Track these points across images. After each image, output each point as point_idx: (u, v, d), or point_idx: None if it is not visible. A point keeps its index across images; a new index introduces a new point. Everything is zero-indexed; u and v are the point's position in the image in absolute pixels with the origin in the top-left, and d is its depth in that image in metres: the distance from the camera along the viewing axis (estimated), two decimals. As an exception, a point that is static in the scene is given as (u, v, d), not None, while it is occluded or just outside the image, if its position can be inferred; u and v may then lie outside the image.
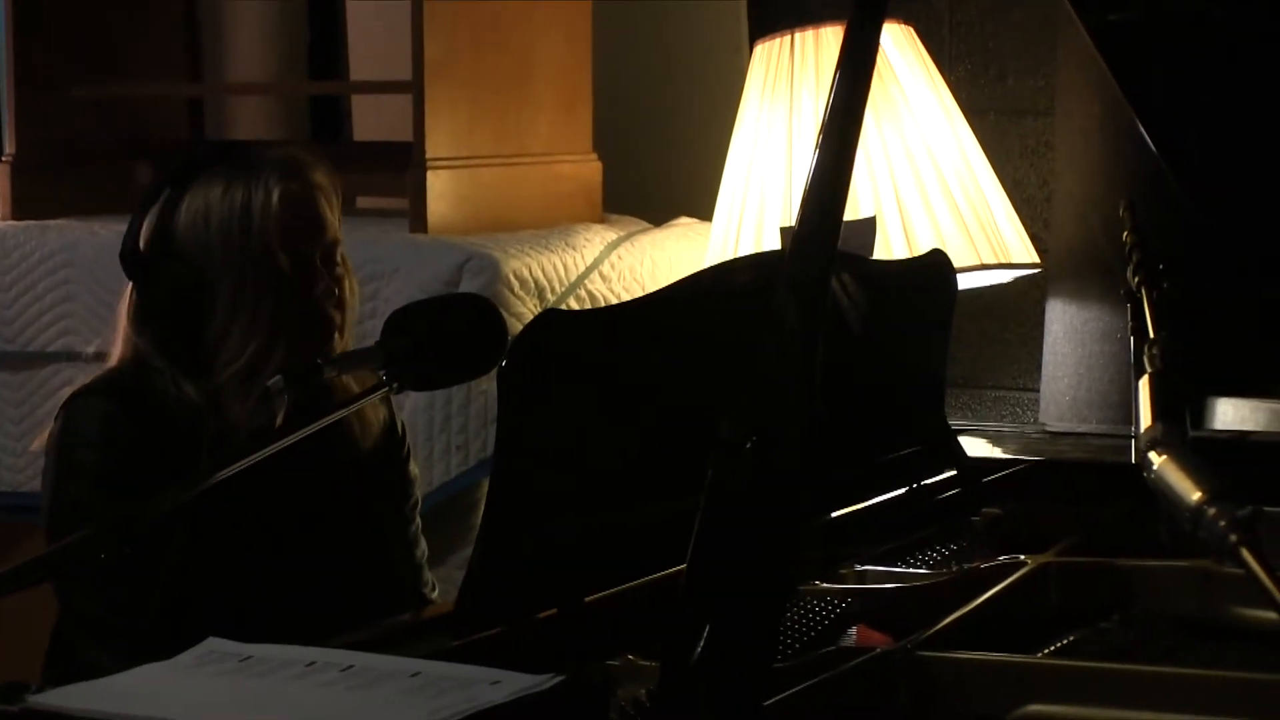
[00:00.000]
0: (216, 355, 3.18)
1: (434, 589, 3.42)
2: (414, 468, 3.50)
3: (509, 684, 2.24)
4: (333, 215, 3.26)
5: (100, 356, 3.36)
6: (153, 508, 2.61)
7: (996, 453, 3.49)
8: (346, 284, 3.27)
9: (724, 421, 2.07)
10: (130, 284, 3.23)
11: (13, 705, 2.27)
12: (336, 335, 3.24)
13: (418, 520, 3.47)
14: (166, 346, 3.18)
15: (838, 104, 2.29)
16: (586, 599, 2.59)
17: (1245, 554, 2.10)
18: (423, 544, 3.47)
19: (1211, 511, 2.19)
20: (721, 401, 2.09)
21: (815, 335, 2.13)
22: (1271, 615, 2.00)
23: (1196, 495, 2.22)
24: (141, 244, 3.19)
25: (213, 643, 2.46)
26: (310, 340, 3.20)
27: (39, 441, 3.27)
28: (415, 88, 4.26)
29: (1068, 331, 4.27)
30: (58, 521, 3.16)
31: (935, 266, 3.35)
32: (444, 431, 3.97)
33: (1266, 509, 2.19)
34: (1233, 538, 2.13)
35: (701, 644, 1.99)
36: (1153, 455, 2.34)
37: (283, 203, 3.18)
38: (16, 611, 3.15)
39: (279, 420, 3.05)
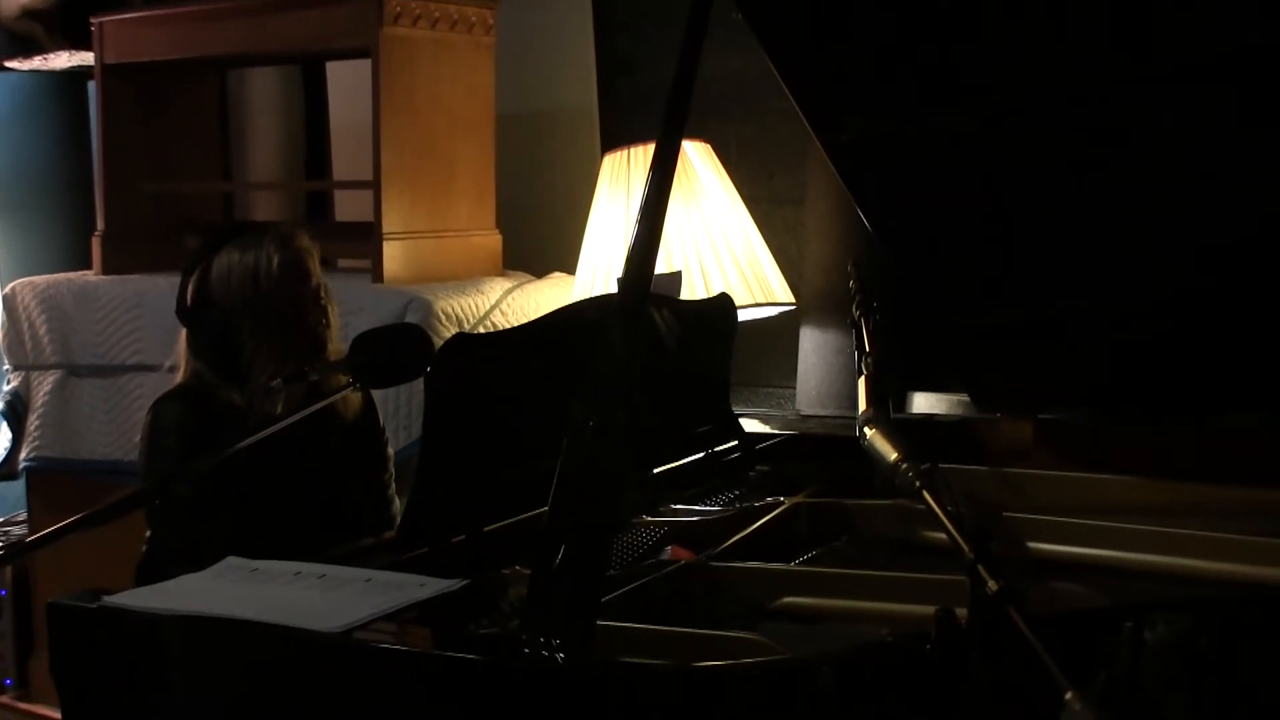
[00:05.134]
0: (250, 371, 3.19)
1: None
2: (390, 450, 3.50)
3: (431, 586, 2.25)
4: (315, 266, 3.27)
5: (170, 369, 3.38)
6: (196, 468, 2.74)
7: (765, 429, 3.48)
8: (331, 310, 3.27)
9: (574, 406, 2.06)
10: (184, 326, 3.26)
11: (92, 604, 2.25)
12: (328, 345, 3.26)
13: (393, 485, 3.47)
14: (214, 368, 3.21)
15: (649, 193, 2.29)
16: (486, 529, 2.58)
17: (925, 495, 2.11)
18: (397, 502, 3.46)
19: (904, 466, 2.21)
20: (574, 392, 2.09)
21: (634, 349, 2.13)
22: (943, 536, 2.01)
23: (894, 456, 2.24)
24: (188, 297, 3.20)
25: (231, 560, 2.45)
26: (308, 353, 3.21)
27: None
28: (375, 185, 4.23)
29: (814, 347, 4.27)
30: (149, 481, 3.17)
31: (723, 304, 3.35)
32: (395, 416, 3.94)
33: (942, 465, 2.21)
34: (918, 484, 2.15)
35: (559, 558, 1.98)
36: (867, 429, 2.36)
37: (280, 267, 3.19)
38: (111, 546, 3.13)
39: (279, 409, 3.06)
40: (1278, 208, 2.56)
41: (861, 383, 2.58)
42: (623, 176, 4.04)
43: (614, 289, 3.94)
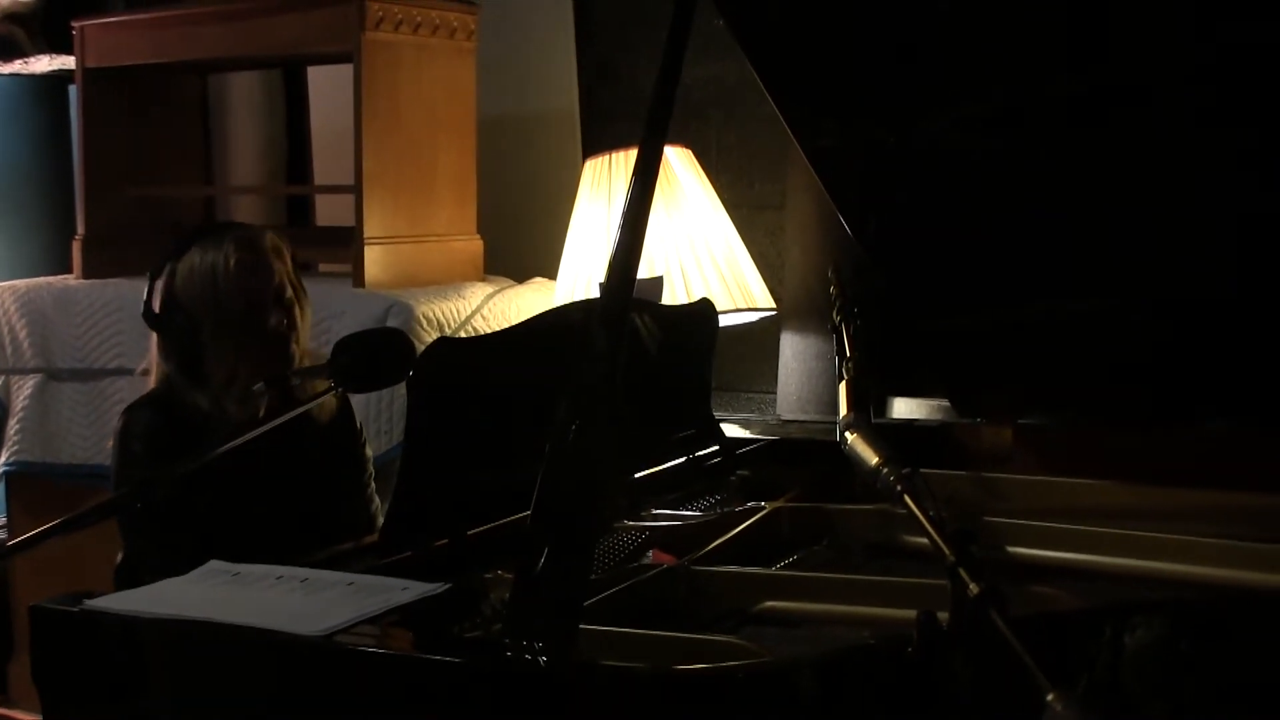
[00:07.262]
0: (212, 373, 3.18)
1: None
2: (369, 451, 3.49)
3: (414, 589, 2.24)
4: (282, 264, 3.25)
5: (145, 373, 3.35)
6: (172, 474, 2.67)
7: (746, 434, 3.48)
8: (299, 311, 3.25)
9: (557, 410, 2.06)
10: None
11: (75, 607, 2.25)
12: (294, 346, 3.22)
13: (373, 485, 3.46)
14: (183, 370, 3.19)
15: (632, 198, 2.29)
16: (468, 532, 2.57)
17: (907, 499, 2.11)
18: (376, 501, 3.45)
19: (885, 470, 2.21)
20: (556, 397, 2.09)
21: (616, 354, 2.13)
22: (924, 540, 2.01)
23: (875, 460, 2.24)
24: (157, 301, 3.19)
25: (213, 563, 2.44)
26: (267, 354, 3.19)
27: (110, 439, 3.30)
28: (356, 189, 4.23)
29: (795, 353, 4.27)
30: (119, 487, 3.16)
31: (704, 310, 3.35)
32: (376, 420, 3.94)
33: (923, 470, 2.21)
34: (899, 488, 2.15)
35: (542, 561, 1.98)
36: (848, 434, 2.36)
37: (238, 265, 3.17)
38: (90, 552, 3.13)
39: (261, 413, 3.05)
40: (1257, 210, 2.57)
41: (842, 387, 2.58)
42: (604, 181, 4.04)
43: (596, 294, 3.94)
